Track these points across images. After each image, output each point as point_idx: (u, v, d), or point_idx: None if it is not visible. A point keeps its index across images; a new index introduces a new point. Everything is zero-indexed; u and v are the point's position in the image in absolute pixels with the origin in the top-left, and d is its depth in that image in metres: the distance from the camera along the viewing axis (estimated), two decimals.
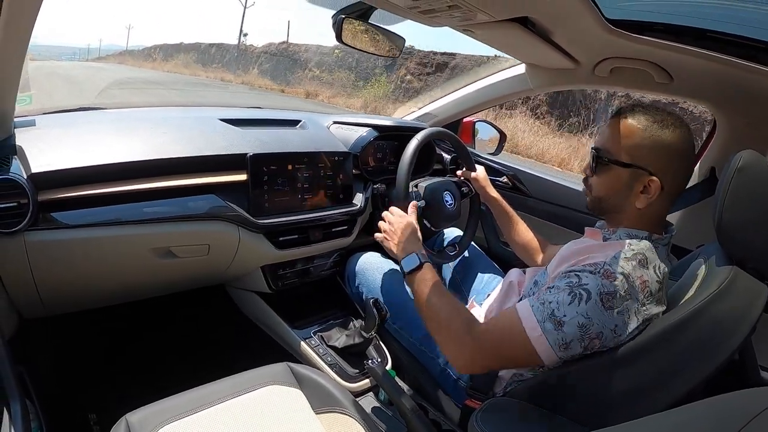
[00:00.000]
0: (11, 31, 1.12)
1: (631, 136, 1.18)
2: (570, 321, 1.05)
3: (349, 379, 1.71)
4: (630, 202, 1.20)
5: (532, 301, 1.13)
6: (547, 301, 1.10)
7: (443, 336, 1.26)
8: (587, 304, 1.05)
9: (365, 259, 2.00)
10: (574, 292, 1.07)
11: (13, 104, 1.38)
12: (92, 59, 69.18)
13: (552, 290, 1.12)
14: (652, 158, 1.16)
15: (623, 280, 1.06)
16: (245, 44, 38.26)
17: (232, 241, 1.68)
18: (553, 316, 1.07)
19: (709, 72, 1.47)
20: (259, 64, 32.15)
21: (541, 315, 1.09)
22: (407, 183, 1.75)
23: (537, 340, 1.08)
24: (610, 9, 1.27)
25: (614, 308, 1.04)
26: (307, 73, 27.05)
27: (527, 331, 1.09)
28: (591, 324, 1.04)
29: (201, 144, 1.64)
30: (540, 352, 1.08)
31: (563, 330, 1.06)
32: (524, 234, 1.86)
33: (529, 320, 1.10)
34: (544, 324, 1.08)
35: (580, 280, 1.08)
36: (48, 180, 1.34)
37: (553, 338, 1.07)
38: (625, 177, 1.20)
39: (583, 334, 1.05)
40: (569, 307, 1.06)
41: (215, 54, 39.24)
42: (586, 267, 1.11)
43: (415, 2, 1.24)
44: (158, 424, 1.13)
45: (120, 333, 2.23)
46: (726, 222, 1.06)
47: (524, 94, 2.30)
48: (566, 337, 1.06)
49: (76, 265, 1.45)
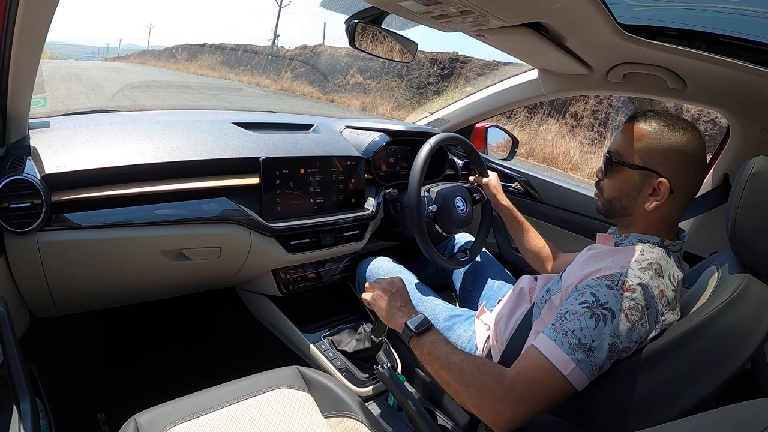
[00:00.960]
0: (26, 35, 1.14)
1: (642, 138, 1.19)
2: (600, 345, 1.02)
3: (358, 384, 1.70)
4: (639, 205, 1.20)
5: (551, 334, 1.08)
6: (569, 330, 1.05)
7: (475, 396, 1.09)
8: (613, 322, 1.03)
9: (376, 264, 2.00)
10: (596, 313, 1.04)
11: (28, 106, 1.40)
12: (111, 59, 69.28)
13: (568, 316, 1.08)
14: (662, 160, 1.16)
15: (642, 292, 1.05)
16: (276, 46, 36.11)
17: (244, 245, 1.68)
18: (582, 344, 1.03)
19: (723, 77, 1.46)
20: (292, 68, 29.80)
21: (569, 347, 1.03)
22: (419, 187, 1.75)
23: (572, 374, 1.02)
24: (623, 14, 1.27)
25: (639, 321, 1.03)
26: (349, 79, 25.23)
27: (559, 368, 1.03)
28: (620, 341, 1.02)
29: (214, 147, 1.65)
30: (576, 384, 1.03)
31: (595, 356, 1.02)
32: (535, 242, 1.86)
33: (557, 356, 1.04)
34: (575, 355, 1.03)
35: (598, 299, 1.06)
36: (61, 181, 1.35)
37: (588, 367, 1.02)
38: (635, 179, 1.20)
39: (612, 352, 1.03)
40: (596, 331, 1.03)
41: (242, 56, 36.78)
42: (601, 281, 1.09)
43: (427, 7, 1.25)
44: (167, 425, 1.13)
45: (130, 334, 2.25)
46: (739, 229, 1.05)
47: (537, 100, 2.30)
48: (599, 361, 1.02)
49: (88, 266, 1.46)
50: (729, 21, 1.33)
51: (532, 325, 1.35)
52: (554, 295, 1.28)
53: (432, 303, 1.78)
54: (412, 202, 1.76)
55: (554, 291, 1.30)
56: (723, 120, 1.84)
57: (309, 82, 27.34)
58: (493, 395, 1.05)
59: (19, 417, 0.95)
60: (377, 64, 23.28)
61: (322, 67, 27.83)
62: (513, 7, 1.23)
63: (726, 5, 1.37)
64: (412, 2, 1.22)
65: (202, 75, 35.11)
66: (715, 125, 12.51)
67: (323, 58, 28.56)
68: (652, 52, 1.42)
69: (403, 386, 1.42)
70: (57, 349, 1.93)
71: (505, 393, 1.04)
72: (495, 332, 1.55)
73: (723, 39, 1.33)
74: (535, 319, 1.35)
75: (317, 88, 26.14)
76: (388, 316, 1.40)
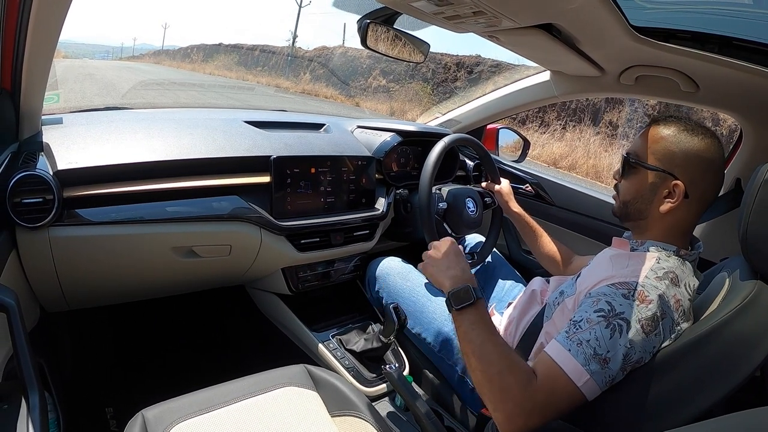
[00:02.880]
0: (40, 31, 1.15)
1: (660, 141, 1.19)
2: (615, 356, 1.01)
3: (366, 384, 1.70)
4: (654, 207, 1.20)
5: (566, 342, 1.06)
6: (584, 340, 1.03)
7: (496, 393, 1.06)
8: (629, 333, 1.01)
9: (386, 264, 2.00)
10: (612, 323, 1.03)
11: (41, 102, 1.41)
12: (126, 58, 69.55)
13: (583, 324, 1.06)
14: (679, 163, 1.16)
15: (658, 302, 1.04)
16: (294, 47, 34.92)
17: (254, 243, 1.69)
18: (596, 354, 1.01)
19: (736, 81, 1.45)
20: (311, 69, 29.44)
21: (583, 358, 1.02)
22: (431, 184, 1.75)
23: (586, 385, 1.01)
24: (636, 16, 1.26)
25: (653, 331, 1.03)
26: (371, 81, 24.62)
27: (573, 379, 1.01)
28: (634, 352, 1.01)
29: (225, 145, 1.66)
30: (588, 395, 1.02)
31: (609, 367, 1.01)
32: (549, 246, 1.85)
33: (571, 366, 1.02)
34: (590, 366, 1.01)
35: (614, 308, 1.04)
36: (73, 177, 1.36)
37: (601, 378, 1.01)
38: (651, 180, 1.20)
39: (626, 363, 1.01)
40: (611, 342, 1.01)
41: (260, 57, 36.79)
42: (617, 289, 1.08)
43: (440, 8, 1.25)
44: (174, 420, 1.14)
45: (140, 330, 2.26)
46: (751, 235, 1.04)
47: (548, 102, 2.29)
48: (612, 373, 1.01)
49: (99, 261, 1.47)
50: (742, 24, 1.33)
51: (543, 326, 1.35)
52: (568, 298, 1.27)
53: (442, 304, 1.78)
54: (423, 197, 1.76)
55: (568, 293, 1.29)
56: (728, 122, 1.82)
57: (330, 84, 26.84)
58: (514, 399, 1.02)
59: (28, 410, 0.96)
60: (401, 67, 22.68)
61: (342, 68, 27.37)
62: (525, 8, 1.22)
63: (739, 8, 1.36)
64: (425, 3, 1.22)
65: (219, 76, 34.73)
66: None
67: (344, 59, 28.09)
68: (664, 54, 1.41)
69: (411, 387, 1.42)
70: (67, 343, 1.94)
71: (524, 400, 1.02)
72: (505, 334, 1.55)
73: (736, 42, 1.32)
74: (547, 320, 1.34)
75: (339, 90, 25.69)
76: (438, 282, 1.31)
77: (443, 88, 20.94)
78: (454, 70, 21.03)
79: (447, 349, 1.66)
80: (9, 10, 1.10)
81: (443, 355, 1.67)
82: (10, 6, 1.09)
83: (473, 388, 1.53)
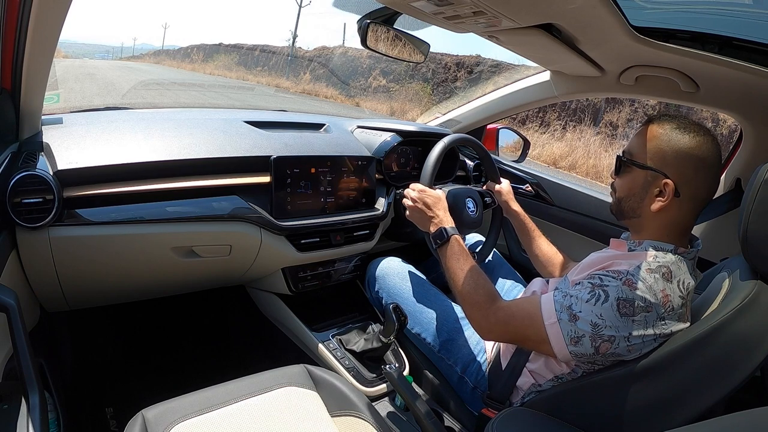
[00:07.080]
0: (40, 31, 1.15)
1: (653, 140, 1.20)
2: (584, 317, 1.12)
3: (366, 384, 1.70)
4: (646, 205, 1.21)
5: (556, 294, 1.21)
6: (569, 294, 1.17)
7: (468, 304, 1.38)
8: (603, 305, 1.09)
9: (386, 264, 2.00)
10: (595, 291, 1.13)
11: (41, 102, 1.41)
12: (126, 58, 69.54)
13: (576, 287, 1.18)
14: (670, 162, 1.17)
15: (644, 291, 1.07)
16: (294, 47, 34.90)
17: (254, 243, 1.69)
18: (570, 309, 1.15)
19: (736, 81, 1.45)
20: (311, 69, 29.69)
21: (560, 306, 1.17)
22: (431, 185, 1.75)
23: (551, 328, 1.17)
24: (636, 16, 1.26)
25: (630, 316, 1.06)
26: (371, 81, 24.76)
27: (544, 319, 1.19)
28: (604, 326, 1.09)
29: (225, 145, 1.66)
30: (552, 341, 1.17)
31: (576, 324, 1.13)
32: (546, 249, 1.85)
33: (548, 309, 1.19)
34: (561, 314, 1.16)
35: (602, 281, 1.12)
36: (73, 177, 1.36)
37: (566, 329, 1.15)
38: (643, 178, 1.21)
39: (595, 334, 1.10)
40: (586, 305, 1.12)
41: (260, 56, 37.17)
42: (609, 273, 1.13)
43: (440, 8, 1.25)
44: (174, 420, 1.14)
45: (140, 329, 2.26)
46: (751, 235, 1.04)
47: (548, 102, 2.29)
48: (578, 332, 1.13)
49: (99, 261, 1.47)
50: (742, 24, 1.33)
51: None
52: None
53: (441, 304, 1.78)
54: None
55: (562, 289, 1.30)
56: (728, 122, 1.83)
57: (330, 84, 26.86)
58: (480, 311, 1.34)
59: (28, 410, 0.96)
60: (401, 67, 22.92)
61: (342, 69, 27.43)
62: (525, 8, 1.22)
63: (739, 8, 1.36)
64: (425, 3, 1.22)
65: (219, 76, 34.74)
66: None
67: (344, 59, 28.13)
68: (665, 54, 1.41)
69: (411, 387, 1.42)
70: (67, 343, 1.94)
71: (489, 313, 1.31)
72: None
73: (736, 42, 1.33)
74: None
75: (339, 90, 25.69)
76: (421, 225, 1.65)
77: (443, 88, 20.95)
78: (454, 70, 20.98)
79: (447, 349, 1.66)
80: (9, 10, 1.10)
81: (443, 355, 1.67)
82: (10, 6, 1.09)
83: (473, 388, 1.54)
